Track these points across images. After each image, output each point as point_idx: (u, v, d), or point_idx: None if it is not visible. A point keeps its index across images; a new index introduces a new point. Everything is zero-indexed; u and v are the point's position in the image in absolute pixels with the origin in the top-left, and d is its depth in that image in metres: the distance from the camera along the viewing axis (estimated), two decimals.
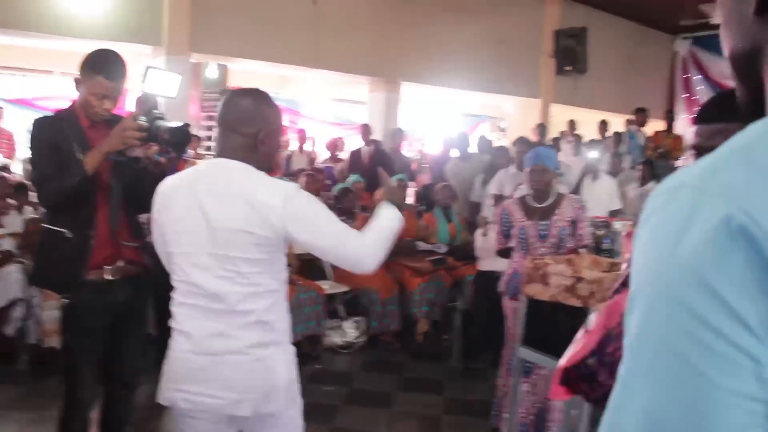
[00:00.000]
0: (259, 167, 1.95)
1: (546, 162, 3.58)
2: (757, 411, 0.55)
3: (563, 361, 1.59)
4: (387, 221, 2.01)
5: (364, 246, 1.93)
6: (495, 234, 3.82)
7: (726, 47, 0.77)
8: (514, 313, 3.59)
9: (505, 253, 3.82)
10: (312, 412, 3.89)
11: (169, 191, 2.01)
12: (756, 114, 0.69)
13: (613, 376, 1.50)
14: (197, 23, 7.54)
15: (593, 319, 1.70)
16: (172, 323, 1.99)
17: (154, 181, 2.60)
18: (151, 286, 2.71)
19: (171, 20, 7.41)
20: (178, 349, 1.96)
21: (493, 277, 4.71)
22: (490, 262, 4.76)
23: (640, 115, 9.36)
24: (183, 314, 1.96)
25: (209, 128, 9.54)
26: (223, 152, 1.97)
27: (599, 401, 1.61)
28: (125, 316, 2.61)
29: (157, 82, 2.53)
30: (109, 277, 2.49)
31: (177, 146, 2.44)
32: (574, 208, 3.59)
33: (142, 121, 2.37)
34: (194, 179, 1.97)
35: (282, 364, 2.00)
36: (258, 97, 2.02)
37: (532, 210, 3.62)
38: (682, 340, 0.57)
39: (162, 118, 2.43)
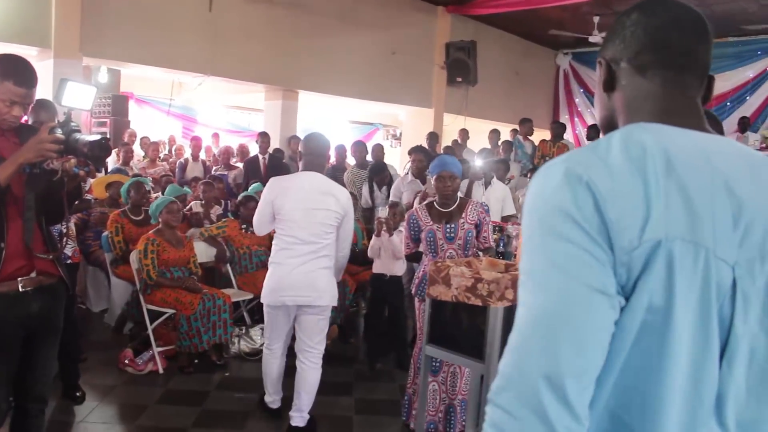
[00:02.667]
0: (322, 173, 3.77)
1: (453, 169, 3.79)
2: (614, 304, 0.86)
3: None
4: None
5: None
6: (404, 239, 3.97)
7: (597, 117, 1.19)
8: (424, 314, 3.76)
9: (413, 257, 3.98)
10: (224, 419, 3.95)
11: (284, 188, 3.64)
12: None
13: None
14: (87, 26, 7.30)
15: None
16: (275, 259, 3.67)
17: (72, 194, 2.56)
18: (64, 296, 2.66)
19: (59, 22, 7.13)
20: (280, 272, 3.61)
21: (384, 279, 4.90)
22: (380, 264, 4.93)
23: (525, 125, 9.87)
24: (285, 253, 3.60)
25: (101, 135, 9.19)
26: (312, 168, 3.70)
27: None
28: (39, 328, 2.55)
29: (73, 95, 2.49)
30: (22, 289, 2.44)
31: (96, 159, 2.42)
32: (478, 212, 3.81)
33: (59, 133, 2.32)
34: (299, 182, 3.67)
35: (334, 279, 3.75)
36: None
37: (439, 214, 3.81)
38: (560, 256, 0.87)
39: (78, 131, 2.40)
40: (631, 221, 0.86)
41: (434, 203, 3.87)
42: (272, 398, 3.97)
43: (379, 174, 6.91)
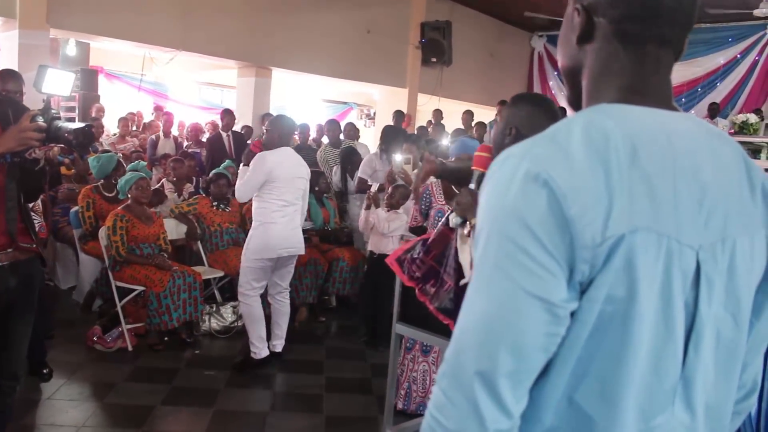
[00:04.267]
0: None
1: (472, 151, 3.73)
2: (557, 313, 0.85)
3: (393, 255, 2.28)
4: None
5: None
6: (413, 210, 3.93)
7: (560, 62, 1.12)
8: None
9: (417, 231, 3.90)
10: (194, 396, 3.95)
11: (277, 161, 4.25)
12: (578, 107, 1.05)
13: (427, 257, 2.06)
14: None
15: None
16: (269, 219, 4.27)
17: (52, 181, 2.53)
18: (43, 274, 2.62)
19: None
20: (276, 230, 4.27)
21: (373, 256, 4.90)
22: (371, 241, 4.91)
23: (502, 107, 9.89)
24: (278, 214, 4.27)
25: (69, 109, 9.00)
26: (285, 143, 4.40)
27: (420, 281, 2.37)
28: (16, 305, 2.50)
29: (52, 82, 2.42)
30: None
31: (80, 147, 2.39)
32: None
33: (40, 121, 2.27)
34: (284, 156, 4.32)
35: None
36: None
37: (454, 195, 3.77)
38: (505, 260, 0.85)
39: (59, 117, 2.37)
40: (593, 216, 0.83)
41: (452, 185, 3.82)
42: (261, 346, 4.44)
43: (350, 159, 6.78)
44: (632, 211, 0.84)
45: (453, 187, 3.80)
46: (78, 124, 2.34)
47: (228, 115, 8.25)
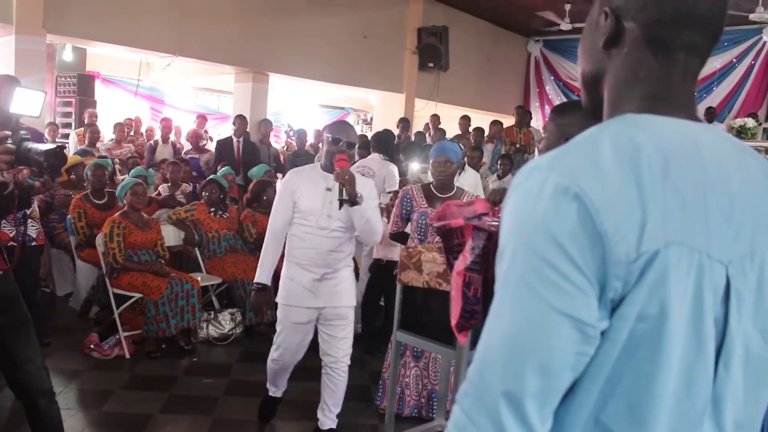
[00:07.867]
0: None
1: (450, 154, 3.74)
2: (587, 332, 0.81)
3: (453, 321, 2.01)
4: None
5: None
6: (393, 216, 3.90)
7: (580, 67, 1.08)
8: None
9: (399, 237, 3.91)
10: (192, 404, 3.91)
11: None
12: (595, 115, 1.02)
13: (479, 302, 1.91)
14: (52, 1, 7.08)
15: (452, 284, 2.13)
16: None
17: (21, 203, 2.47)
18: (16, 285, 2.54)
19: None
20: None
21: (380, 264, 4.85)
22: (379, 248, 4.84)
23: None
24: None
25: (66, 114, 8.98)
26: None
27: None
28: (6, 325, 2.46)
29: (21, 101, 2.32)
30: None
31: (52, 169, 2.31)
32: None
33: (9, 143, 2.20)
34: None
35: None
36: None
37: (434, 199, 3.77)
38: (533, 276, 0.81)
39: (29, 139, 2.29)
40: (627, 230, 0.80)
41: (431, 186, 3.82)
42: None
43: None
44: (666, 225, 0.82)
45: (433, 190, 3.80)
46: (49, 146, 2.26)
47: (240, 120, 8.22)
